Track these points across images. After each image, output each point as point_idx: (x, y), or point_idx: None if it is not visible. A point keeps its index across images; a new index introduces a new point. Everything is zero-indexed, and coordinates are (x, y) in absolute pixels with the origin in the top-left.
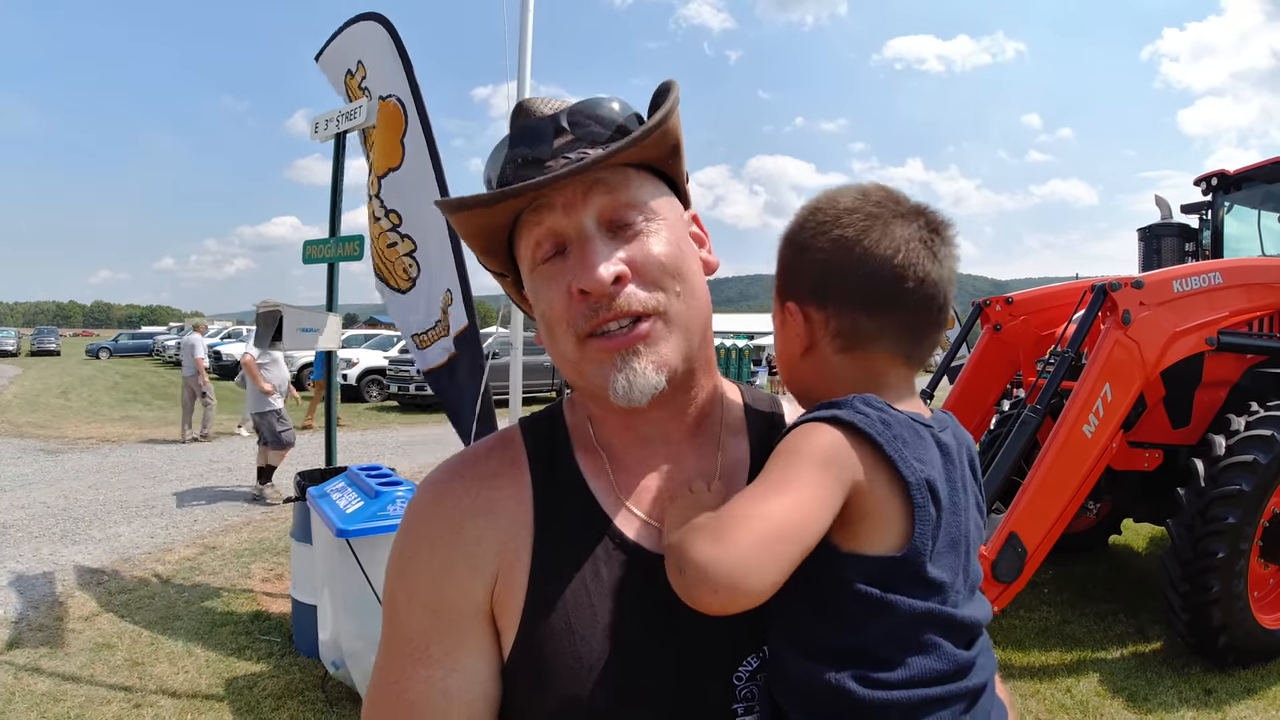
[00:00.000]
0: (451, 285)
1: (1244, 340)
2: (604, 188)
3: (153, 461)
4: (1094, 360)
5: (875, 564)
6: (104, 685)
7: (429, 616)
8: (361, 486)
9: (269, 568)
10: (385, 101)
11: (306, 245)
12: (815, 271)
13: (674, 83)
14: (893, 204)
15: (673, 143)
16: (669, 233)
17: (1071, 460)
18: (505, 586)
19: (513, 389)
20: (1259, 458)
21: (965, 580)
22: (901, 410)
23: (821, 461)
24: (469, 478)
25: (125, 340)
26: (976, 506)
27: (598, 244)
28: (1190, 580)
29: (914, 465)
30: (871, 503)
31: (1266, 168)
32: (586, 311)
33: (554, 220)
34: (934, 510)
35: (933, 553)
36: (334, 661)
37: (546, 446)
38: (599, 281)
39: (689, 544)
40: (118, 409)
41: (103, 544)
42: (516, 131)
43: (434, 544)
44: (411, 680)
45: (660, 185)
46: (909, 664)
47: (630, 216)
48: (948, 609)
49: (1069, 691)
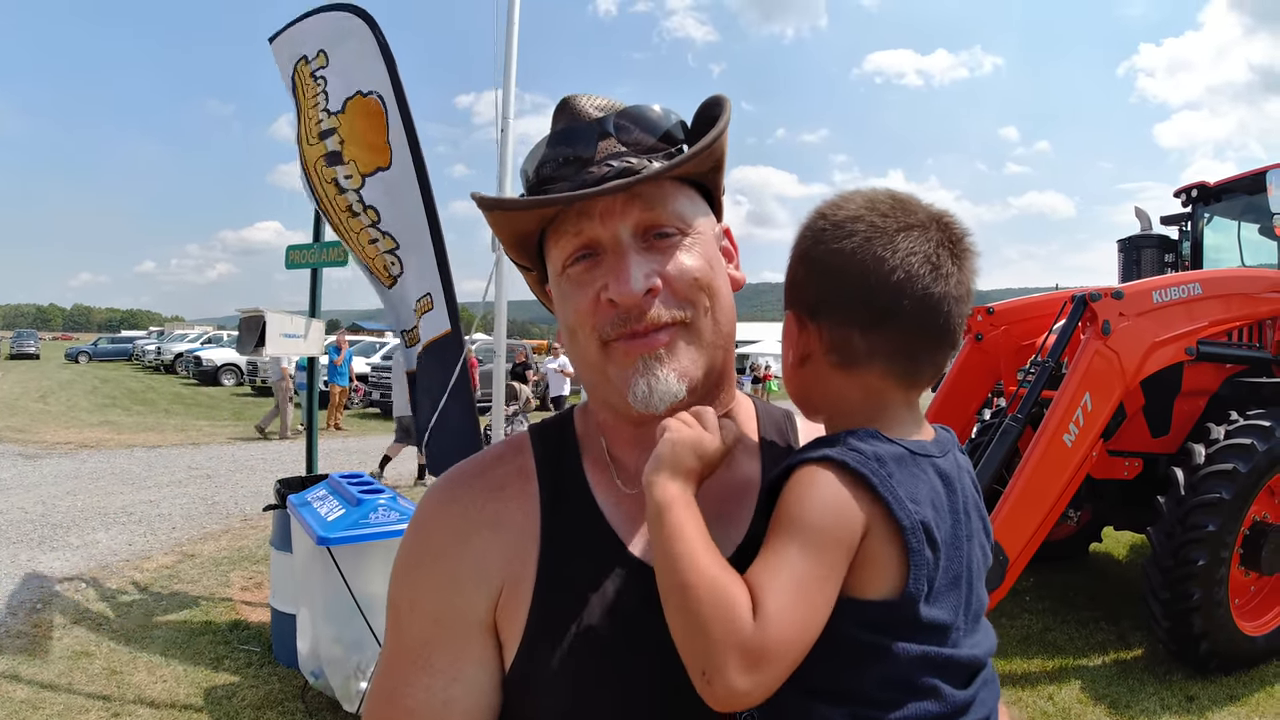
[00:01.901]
0: (433, 289)
1: (1223, 350)
2: (644, 199)
3: (131, 468)
4: (1074, 370)
5: (871, 609)
6: (82, 694)
7: (432, 626)
8: (343, 494)
9: (248, 576)
10: (366, 98)
11: (289, 250)
12: (813, 283)
13: (726, 100)
14: (901, 214)
15: (718, 158)
16: (703, 248)
17: (1052, 469)
18: (510, 599)
19: (495, 396)
20: (1239, 466)
21: (968, 614)
22: (900, 440)
23: (823, 527)
24: (477, 487)
25: (105, 344)
26: (983, 531)
27: (632, 255)
28: (1171, 587)
29: (909, 508)
30: (869, 549)
31: (1247, 180)
32: (615, 320)
33: (591, 227)
34: (930, 553)
35: (930, 595)
36: (313, 671)
37: (555, 457)
38: (632, 295)
39: (723, 669)
40: (96, 414)
41: (81, 551)
42: (561, 130)
43: (440, 554)
44: (412, 688)
45: (697, 199)
46: (905, 707)
47: (666, 230)
48: (945, 650)
49: (1051, 699)
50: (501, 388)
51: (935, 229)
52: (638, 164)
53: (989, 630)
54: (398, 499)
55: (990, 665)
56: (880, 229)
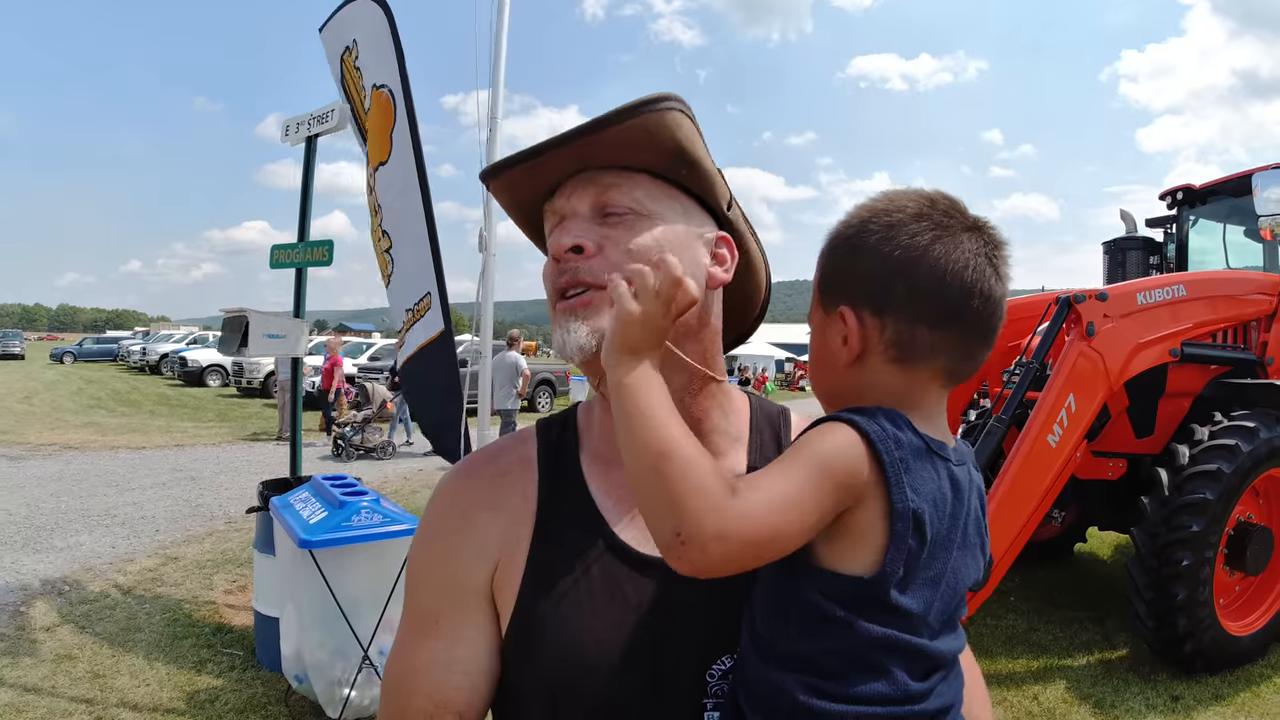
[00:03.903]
0: (430, 289)
1: (1207, 351)
2: (602, 181)
3: (115, 469)
4: (1058, 371)
5: (842, 582)
6: (65, 697)
7: (439, 594)
8: (326, 497)
9: (231, 579)
10: (379, 91)
11: (274, 250)
12: (877, 277)
13: (671, 95)
14: (960, 215)
15: (670, 147)
16: (659, 234)
17: (1036, 469)
18: (505, 571)
19: (481, 397)
20: (1223, 466)
21: (941, 615)
22: (926, 434)
23: (829, 460)
24: (484, 474)
25: (90, 345)
26: (980, 547)
27: (575, 221)
28: (1156, 588)
29: (906, 494)
30: (857, 520)
31: (1232, 182)
32: (554, 274)
33: (560, 204)
34: (914, 543)
35: (904, 583)
36: (297, 675)
37: (555, 448)
38: (558, 247)
39: (698, 529)
40: (81, 415)
41: (64, 553)
42: None
43: (447, 530)
44: (420, 649)
45: (676, 198)
46: (855, 682)
47: (618, 209)
48: (905, 637)
49: (1036, 699)
50: (488, 390)
51: (983, 234)
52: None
53: (961, 635)
54: (380, 501)
55: (956, 662)
56: (947, 227)
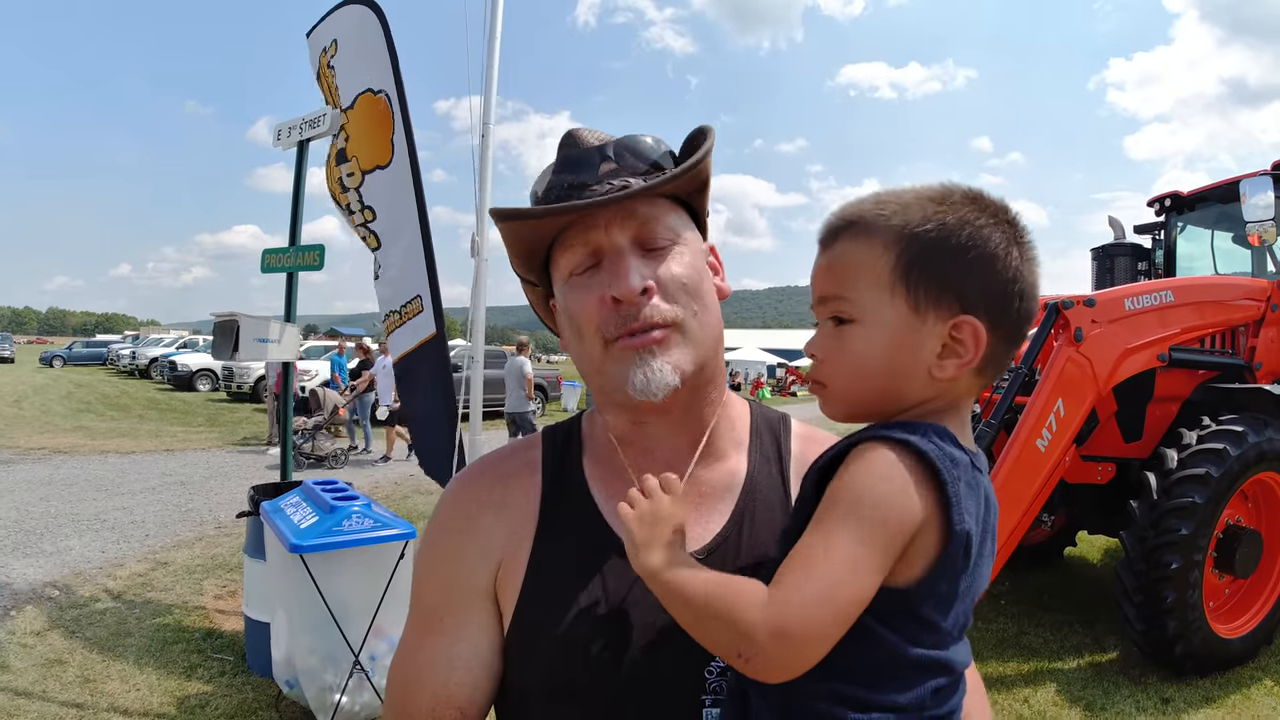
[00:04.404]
0: (422, 292)
1: (1195, 356)
2: (641, 213)
3: (105, 474)
4: (1047, 376)
5: (881, 593)
6: (56, 701)
7: (442, 592)
8: (317, 501)
9: (222, 584)
10: (376, 96)
11: (265, 254)
12: (996, 288)
13: (710, 129)
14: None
15: (703, 180)
16: (691, 257)
17: (1025, 473)
18: (507, 571)
19: (473, 403)
20: (1211, 470)
21: (959, 626)
22: (966, 448)
23: (882, 512)
24: (489, 475)
25: (80, 348)
26: (991, 554)
27: (631, 259)
28: (1145, 591)
29: (965, 516)
30: (911, 545)
31: (1220, 189)
32: (616, 319)
33: (596, 237)
34: (961, 561)
35: (943, 597)
36: (288, 681)
37: (560, 453)
38: (630, 290)
39: (750, 625)
40: (70, 419)
41: (54, 557)
42: (565, 157)
43: (451, 531)
44: (424, 646)
45: (686, 218)
46: (883, 690)
47: (660, 241)
48: (933, 652)
49: (1027, 702)
50: (479, 394)
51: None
52: (634, 183)
53: (967, 645)
54: (371, 506)
55: (964, 677)
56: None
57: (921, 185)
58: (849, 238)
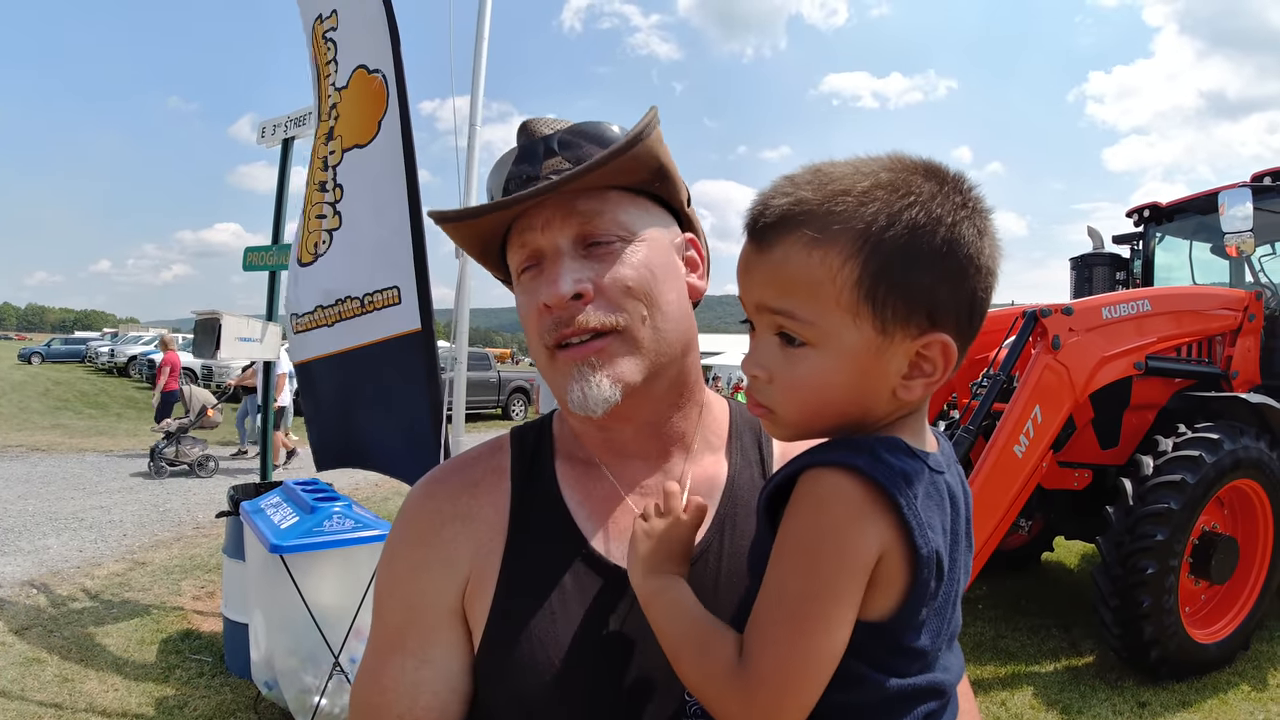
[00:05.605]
0: (400, 283)
1: (1172, 365)
2: (581, 209)
3: (83, 472)
4: (1024, 383)
5: (857, 630)
6: (33, 701)
7: (406, 610)
8: (297, 501)
9: (200, 585)
10: (371, 75)
11: (247, 252)
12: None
13: (653, 108)
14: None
15: (653, 165)
16: (645, 255)
17: (1003, 479)
18: (476, 587)
19: (456, 405)
20: (1186, 477)
21: (945, 638)
22: (918, 449)
23: (839, 550)
24: (454, 484)
25: (59, 345)
26: (968, 549)
27: (565, 262)
28: (1121, 595)
29: (928, 536)
30: (877, 574)
31: (1199, 200)
32: (550, 324)
33: (534, 238)
34: (934, 584)
35: (919, 623)
36: (266, 682)
37: (530, 457)
38: (558, 297)
39: (715, 705)
40: (48, 417)
41: (31, 556)
42: (517, 149)
43: (414, 543)
44: (388, 668)
45: (649, 209)
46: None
47: (605, 238)
48: (920, 680)
49: (1004, 705)
50: (462, 396)
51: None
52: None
53: (959, 653)
54: (352, 507)
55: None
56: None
57: (865, 158)
58: (796, 242)
